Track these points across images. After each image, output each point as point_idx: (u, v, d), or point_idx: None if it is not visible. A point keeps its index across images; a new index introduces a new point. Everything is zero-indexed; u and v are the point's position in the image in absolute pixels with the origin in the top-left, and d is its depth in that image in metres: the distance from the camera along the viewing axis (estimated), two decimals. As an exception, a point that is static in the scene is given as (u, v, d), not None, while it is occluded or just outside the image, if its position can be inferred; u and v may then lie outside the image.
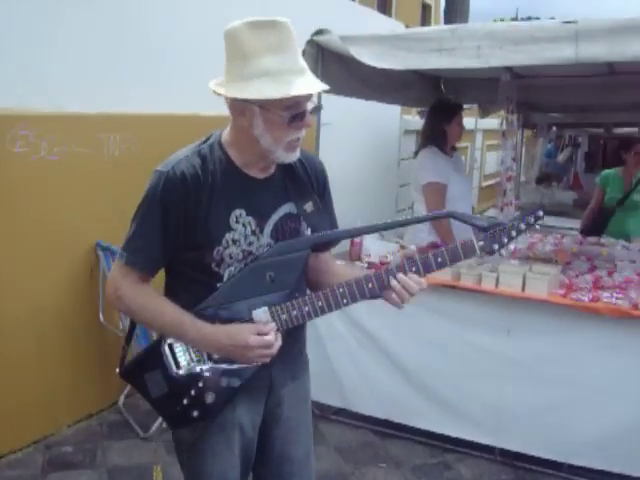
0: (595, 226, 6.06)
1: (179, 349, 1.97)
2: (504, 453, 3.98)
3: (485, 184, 12.51)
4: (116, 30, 4.39)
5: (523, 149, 10.02)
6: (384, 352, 4.20)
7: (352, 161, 7.03)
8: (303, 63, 1.88)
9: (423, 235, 4.73)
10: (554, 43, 3.56)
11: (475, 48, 3.77)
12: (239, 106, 1.88)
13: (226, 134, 2.02)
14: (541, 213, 1.98)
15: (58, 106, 4.02)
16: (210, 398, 1.96)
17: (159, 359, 1.97)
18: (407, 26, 8.49)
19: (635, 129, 9.85)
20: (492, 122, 9.74)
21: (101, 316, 4.38)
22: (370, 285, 1.96)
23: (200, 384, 1.96)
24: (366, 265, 4.27)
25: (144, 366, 2.00)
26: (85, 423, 4.36)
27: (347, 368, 4.28)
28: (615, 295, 3.67)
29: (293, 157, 1.96)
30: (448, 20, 13.48)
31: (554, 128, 11.93)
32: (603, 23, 3.51)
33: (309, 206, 2.07)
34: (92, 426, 4.34)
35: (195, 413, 1.97)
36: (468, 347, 3.96)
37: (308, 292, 2.09)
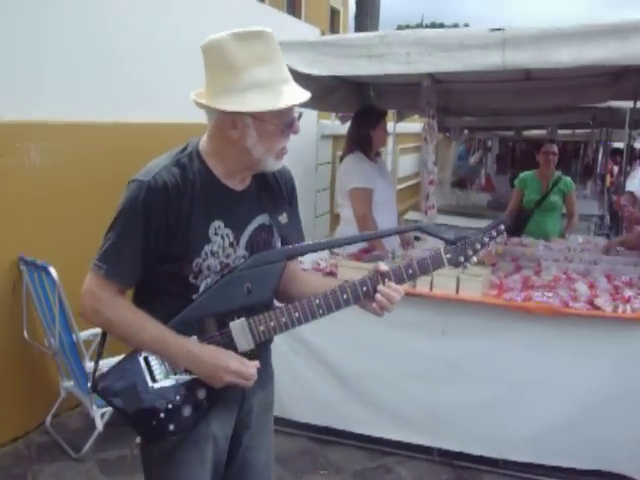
0: (514, 227, 6.24)
1: (155, 362, 1.93)
2: (442, 453, 4.04)
3: (399, 187, 12.69)
4: (37, 33, 4.22)
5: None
6: (319, 358, 4.19)
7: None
8: (288, 72, 1.90)
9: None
10: (482, 50, 3.67)
11: (405, 54, 3.84)
12: (229, 118, 1.85)
13: (204, 144, 1.99)
14: (502, 227, 2.07)
15: (-26, 115, 3.85)
16: (187, 411, 1.94)
17: (134, 372, 1.93)
18: (322, 32, 8.53)
19: (544, 132, 10.25)
20: (404, 126, 9.89)
21: (25, 333, 4.21)
22: (345, 296, 1.98)
23: (177, 397, 1.93)
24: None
25: (118, 379, 1.93)
26: (11, 447, 4.14)
27: (282, 376, 4.13)
28: (545, 294, 3.78)
29: (280, 165, 2.00)
30: (358, 25, 13.61)
31: (466, 132, 12.26)
32: (529, 31, 3.63)
33: (283, 218, 2.10)
34: (19, 450, 4.13)
35: (172, 427, 1.93)
36: (403, 350, 3.99)
37: (277, 303, 2.10)
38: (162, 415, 1.92)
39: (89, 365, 3.86)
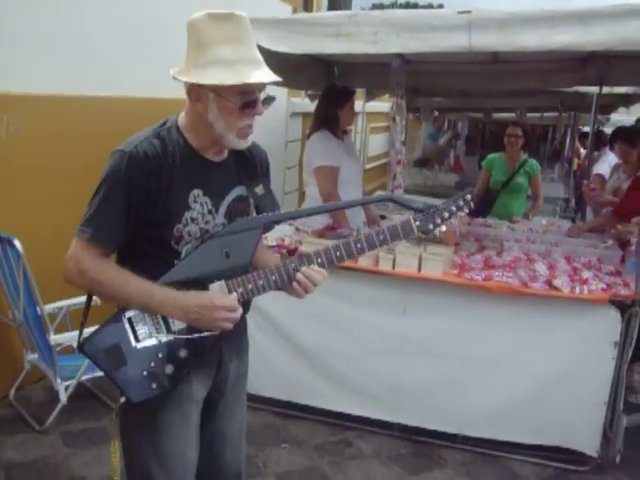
0: (481, 208, 6.31)
1: (138, 322, 2.01)
2: (402, 428, 4.12)
3: (368, 166, 12.71)
4: (9, 5, 4.17)
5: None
6: (283, 334, 4.24)
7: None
8: (258, 55, 1.99)
9: (318, 217, 4.77)
10: (449, 32, 3.72)
11: (372, 34, 3.87)
12: (196, 92, 1.97)
13: (182, 118, 2.10)
14: (469, 197, 2.16)
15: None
16: (169, 369, 2.01)
17: (118, 332, 2.01)
18: (295, 9, 8.49)
19: (513, 114, 10.33)
20: (375, 105, 9.89)
21: (-11, 305, 4.21)
22: (319, 260, 2.09)
23: (159, 355, 2.01)
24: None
25: (103, 340, 2.01)
26: (-26, 419, 4.17)
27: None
28: (505, 274, 3.85)
29: (244, 144, 2.07)
30: (332, 3, 13.53)
31: (436, 112, 12.31)
32: (495, 14, 3.68)
33: (260, 189, 2.20)
34: (-18, 421, 4.15)
35: (154, 385, 2.01)
36: (366, 327, 4.06)
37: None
38: (145, 373, 2.00)
39: (53, 338, 3.88)
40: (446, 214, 2.12)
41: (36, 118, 4.39)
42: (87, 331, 2.08)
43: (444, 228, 2.13)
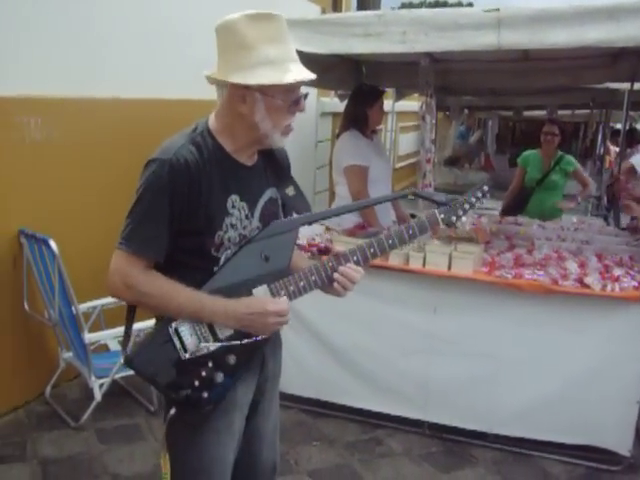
0: (516, 205, 6.29)
1: (185, 332, 1.98)
2: (432, 426, 4.13)
3: (399, 165, 12.71)
4: (35, 6, 4.24)
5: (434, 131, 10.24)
6: (313, 332, 4.27)
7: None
8: (295, 54, 1.99)
9: (348, 215, 4.78)
10: (478, 30, 3.70)
11: (401, 34, 3.87)
12: (240, 93, 1.94)
13: (213, 122, 2.06)
14: (486, 188, 2.24)
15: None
16: (219, 377, 2.01)
17: (167, 345, 1.98)
18: (323, 10, 8.52)
19: (544, 112, 10.23)
20: (405, 104, 9.88)
21: (26, 305, 4.28)
22: (355, 258, 2.12)
23: (210, 364, 2.00)
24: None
25: (152, 354, 2.00)
26: (11, 416, 4.24)
27: (277, 349, 4.31)
28: (536, 272, 3.84)
29: (284, 142, 2.08)
30: (361, 3, 13.53)
31: (466, 111, 12.27)
32: (524, 12, 3.66)
33: (290, 190, 2.21)
34: (19, 419, 4.23)
35: (205, 394, 2.00)
36: (396, 326, 4.07)
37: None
38: (197, 383, 1.99)
39: (88, 337, 3.95)
40: (467, 206, 2.21)
41: (69, 121, 4.47)
42: (137, 327, 2.12)
43: (464, 219, 2.19)
